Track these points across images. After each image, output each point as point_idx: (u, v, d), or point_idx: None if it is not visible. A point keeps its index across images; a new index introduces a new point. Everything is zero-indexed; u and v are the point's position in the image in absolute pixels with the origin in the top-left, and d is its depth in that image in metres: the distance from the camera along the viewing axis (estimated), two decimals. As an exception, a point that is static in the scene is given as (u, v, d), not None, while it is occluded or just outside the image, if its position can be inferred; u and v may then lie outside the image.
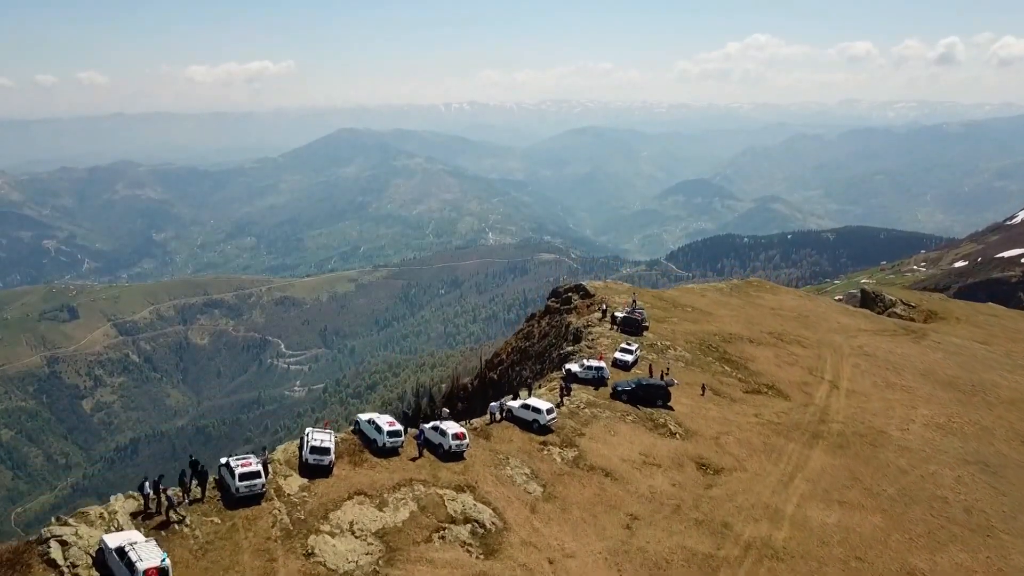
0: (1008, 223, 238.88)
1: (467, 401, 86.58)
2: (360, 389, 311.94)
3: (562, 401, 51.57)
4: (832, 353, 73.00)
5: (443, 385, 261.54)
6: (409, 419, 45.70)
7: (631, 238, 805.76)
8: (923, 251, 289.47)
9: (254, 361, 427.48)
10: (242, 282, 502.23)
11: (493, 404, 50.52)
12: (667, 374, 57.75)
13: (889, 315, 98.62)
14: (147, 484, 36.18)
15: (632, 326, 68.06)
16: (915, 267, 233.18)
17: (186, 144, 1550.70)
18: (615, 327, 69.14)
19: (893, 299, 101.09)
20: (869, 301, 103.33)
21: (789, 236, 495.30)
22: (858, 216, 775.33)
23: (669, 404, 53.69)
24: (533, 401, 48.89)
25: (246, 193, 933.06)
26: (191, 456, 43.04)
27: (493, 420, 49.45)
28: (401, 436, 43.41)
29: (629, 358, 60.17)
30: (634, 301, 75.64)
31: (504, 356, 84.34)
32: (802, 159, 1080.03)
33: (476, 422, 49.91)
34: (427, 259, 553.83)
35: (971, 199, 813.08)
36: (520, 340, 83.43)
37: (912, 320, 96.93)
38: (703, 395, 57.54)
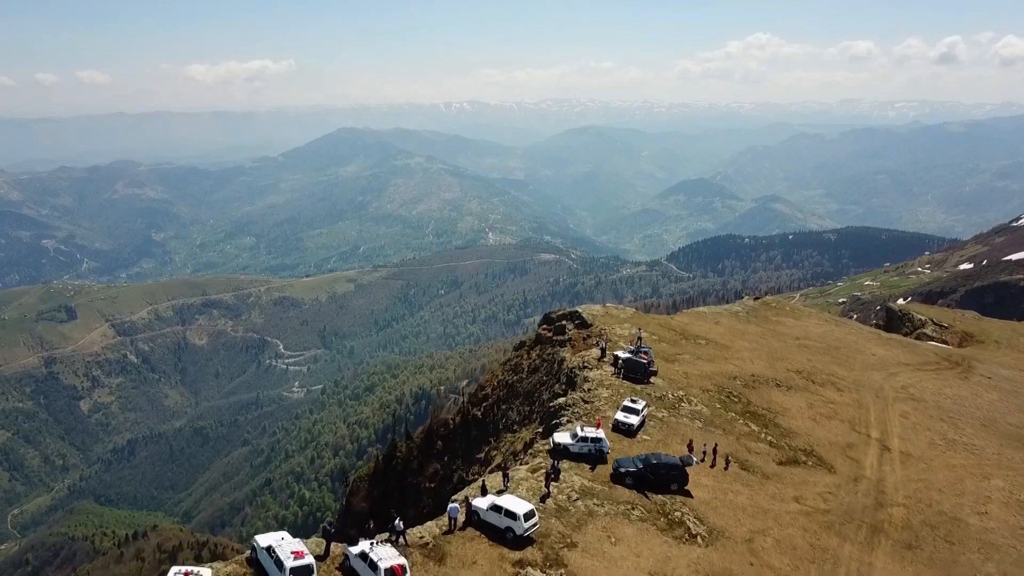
0: (1014, 224, 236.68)
1: (447, 441, 76.48)
2: (359, 390, 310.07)
3: (548, 490, 39.97)
4: (874, 399, 61.04)
5: (441, 387, 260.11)
6: (332, 535, 34.34)
7: (631, 238, 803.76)
8: (927, 252, 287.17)
9: (253, 362, 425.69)
10: (241, 282, 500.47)
11: (453, 503, 37.51)
12: (695, 451, 45.65)
13: (919, 337, 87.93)
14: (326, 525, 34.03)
15: (637, 371, 55.63)
16: (919, 269, 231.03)
17: (186, 143, 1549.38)
18: (617, 371, 56.49)
19: (923, 318, 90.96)
20: (896, 320, 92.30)
21: (790, 236, 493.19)
22: (859, 216, 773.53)
23: (686, 488, 42.20)
24: (507, 501, 36.24)
25: (246, 192, 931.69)
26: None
27: (452, 526, 36.53)
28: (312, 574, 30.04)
29: (634, 420, 47.61)
30: (639, 339, 62.03)
31: (489, 390, 72.82)
32: (803, 158, 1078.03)
33: (430, 529, 37.17)
34: (427, 259, 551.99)
35: (972, 199, 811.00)
36: (508, 372, 71.78)
37: (945, 343, 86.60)
38: (727, 469, 45.63)
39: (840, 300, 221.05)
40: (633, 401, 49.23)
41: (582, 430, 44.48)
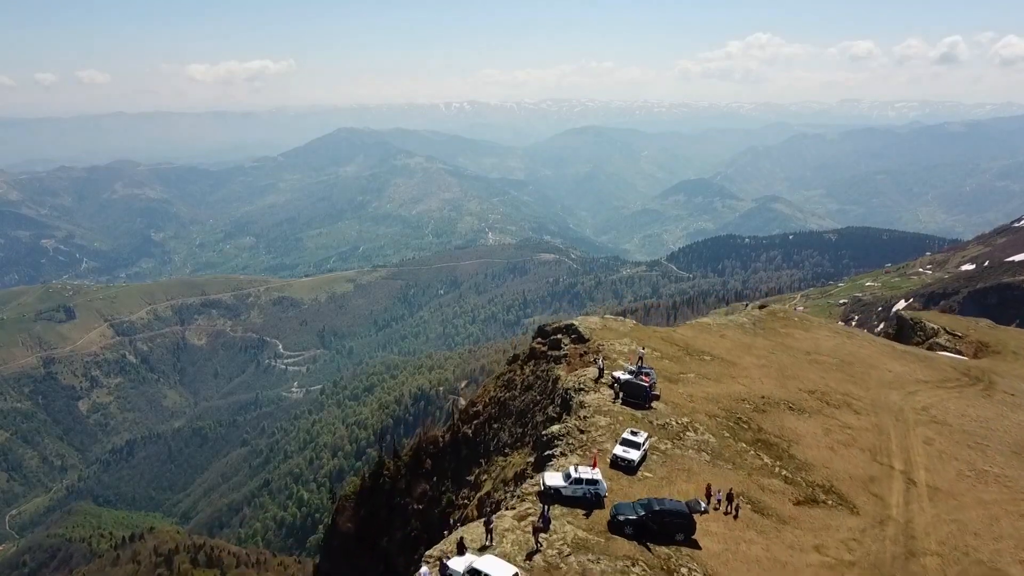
0: (1016, 225, 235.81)
1: (436, 460, 72.36)
2: (357, 391, 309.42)
3: (538, 544, 34.40)
4: (894, 422, 55.93)
5: (440, 388, 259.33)
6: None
7: (631, 238, 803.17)
8: (928, 253, 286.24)
9: (252, 362, 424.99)
10: (240, 282, 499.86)
11: (425, 565, 33.19)
12: (713, 496, 39.95)
13: (931, 347, 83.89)
14: None
15: (637, 395, 49.85)
16: (921, 270, 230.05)
17: (186, 143, 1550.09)
18: (615, 395, 50.50)
19: (936, 327, 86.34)
20: (907, 329, 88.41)
21: (791, 237, 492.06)
22: (859, 216, 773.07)
23: (693, 537, 37.01)
24: (488, 564, 30.93)
25: (245, 192, 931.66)
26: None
27: None
28: None
29: (635, 456, 42.45)
30: (640, 358, 55.36)
31: (481, 407, 68.29)
32: (803, 158, 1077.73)
33: None
34: (426, 259, 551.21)
35: (973, 199, 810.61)
36: (500, 389, 67.10)
37: (960, 353, 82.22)
38: (736, 518, 40.04)
39: (841, 301, 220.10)
40: (634, 433, 43.67)
41: (576, 470, 39.04)
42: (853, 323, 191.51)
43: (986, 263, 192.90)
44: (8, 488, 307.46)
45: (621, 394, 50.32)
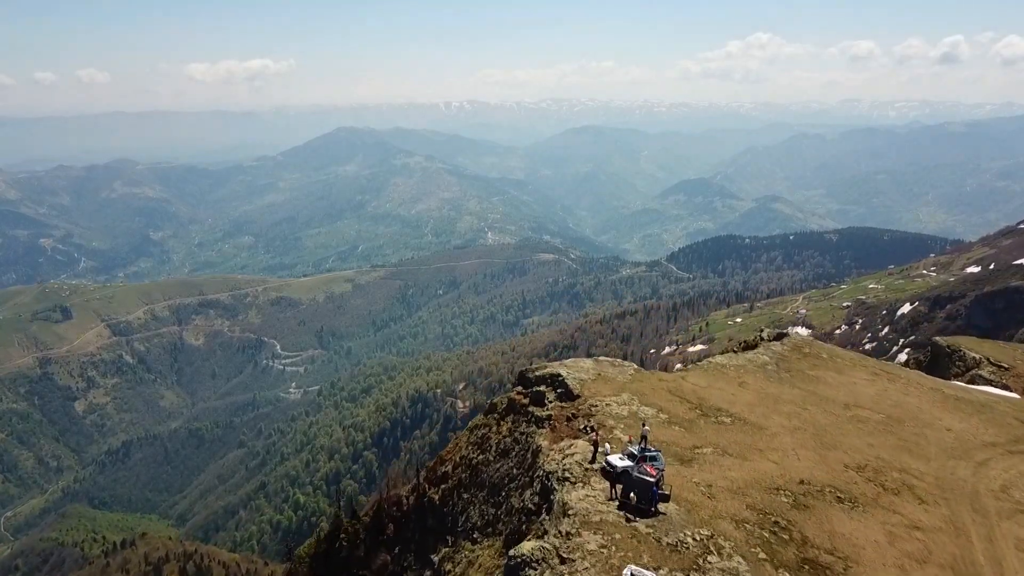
0: (1021, 227, 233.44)
1: (399, 525, 63.87)
2: (355, 392, 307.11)
3: None
4: (972, 515, 43.06)
5: (438, 390, 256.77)
6: None
7: (631, 237, 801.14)
8: (932, 255, 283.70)
9: (249, 362, 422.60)
10: (238, 282, 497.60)
11: None
12: None
13: (972, 380, 71.36)
14: None
15: (642, 496, 34.99)
16: (925, 272, 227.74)
17: (185, 142, 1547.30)
18: (611, 491, 36.36)
19: (977, 357, 75.61)
20: (943, 358, 77.53)
21: (791, 237, 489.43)
22: (860, 216, 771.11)
23: None
24: None
25: (245, 191, 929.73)
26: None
27: None
28: None
29: None
30: (644, 438, 38.75)
31: (450, 468, 59.30)
32: (803, 158, 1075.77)
33: None
34: (425, 259, 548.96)
35: (973, 199, 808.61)
36: (473, 448, 57.36)
37: (1007, 388, 68.31)
38: None
39: (844, 304, 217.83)
40: (638, 568, 31.33)
41: None
42: (857, 327, 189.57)
43: (992, 265, 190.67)
44: (3, 490, 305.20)
45: (618, 492, 36.84)
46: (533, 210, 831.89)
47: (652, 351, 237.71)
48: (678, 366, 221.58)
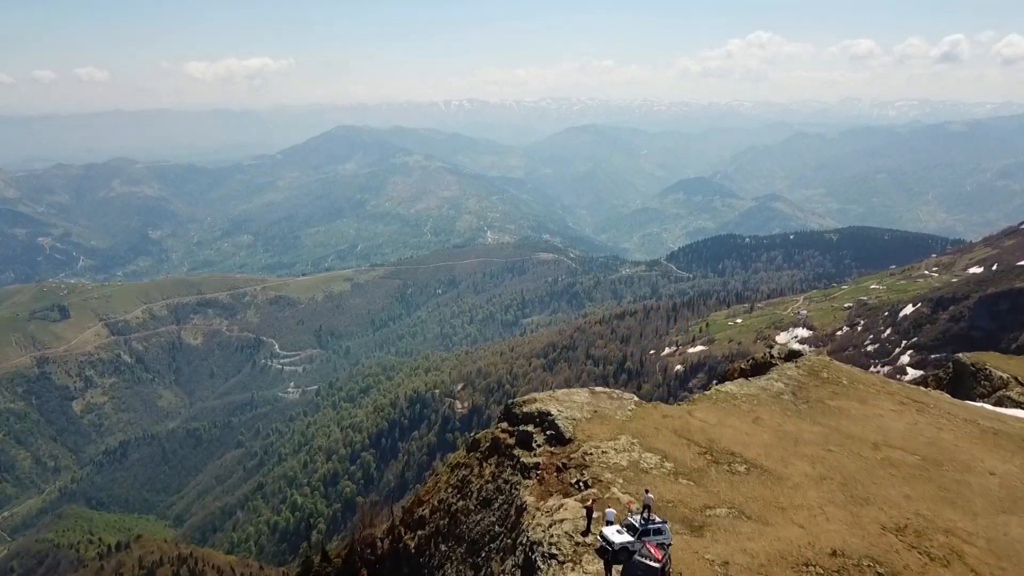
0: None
1: (373, 570, 60.04)
2: (353, 392, 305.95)
3: None
4: None
5: (436, 391, 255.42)
6: None
7: (631, 236, 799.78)
8: (933, 255, 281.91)
9: (248, 362, 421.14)
10: (236, 281, 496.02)
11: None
12: None
13: (1000, 401, 66.59)
14: None
15: None
16: (927, 272, 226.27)
17: (185, 141, 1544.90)
18: (607, 574, 28.92)
19: (1005, 377, 69.64)
20: (967, 377, 72.66)
21: (791, 236, 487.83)
22: (859, 215, 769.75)
23: None
24: None
25: (244, 190, 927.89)
26: None
27: None
28: None
29: None
30: (647, 507, 30.46)
31: (428, 512, 53.91)
32: (803, 157, 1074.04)
33: None
34: (424, 258, 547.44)
35: (973, 198, 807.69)
36: (453, 492, 51.70)
37: None
38: None
39: (846, 304, 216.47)
40: None
41: None
42: (859, 328, 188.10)
43: (995, 266, 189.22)
44: (0, 490, 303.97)
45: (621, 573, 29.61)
46: (532, 209, 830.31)
47: (652, 352, 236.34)
48: (678, 367, 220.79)
